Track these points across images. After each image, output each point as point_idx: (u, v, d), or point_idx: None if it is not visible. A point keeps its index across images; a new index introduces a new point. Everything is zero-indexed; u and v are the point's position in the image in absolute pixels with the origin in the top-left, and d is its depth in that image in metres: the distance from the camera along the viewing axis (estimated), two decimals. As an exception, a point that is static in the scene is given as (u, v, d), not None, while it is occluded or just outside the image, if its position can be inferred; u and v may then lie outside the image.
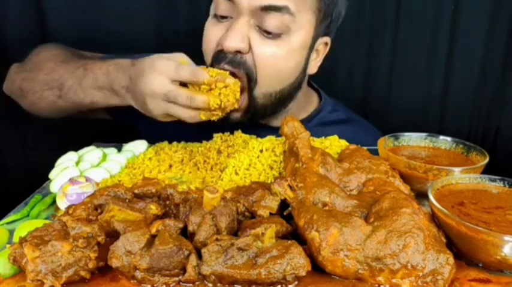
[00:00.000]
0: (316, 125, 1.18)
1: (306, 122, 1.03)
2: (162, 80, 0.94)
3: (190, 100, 0.94)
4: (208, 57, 1.08)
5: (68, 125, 1.26)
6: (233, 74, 1.02)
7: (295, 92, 1.15)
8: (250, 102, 1.07)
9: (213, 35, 1.07)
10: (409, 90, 1.59)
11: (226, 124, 1.07)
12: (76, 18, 1.47)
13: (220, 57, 1.04)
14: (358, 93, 1.62)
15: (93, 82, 1.07)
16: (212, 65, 1.05)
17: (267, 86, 1.06)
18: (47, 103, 1.16)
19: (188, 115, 0.97)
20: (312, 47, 1.11)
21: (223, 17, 1.06)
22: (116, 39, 1.47)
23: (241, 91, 1.03)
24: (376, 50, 1.57)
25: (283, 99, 1.12)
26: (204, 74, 0.96)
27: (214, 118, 0.99)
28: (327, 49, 1.17)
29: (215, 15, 1.08)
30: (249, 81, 1.04)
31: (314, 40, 1.10)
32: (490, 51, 1.52)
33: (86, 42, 1.42)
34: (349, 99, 1.49)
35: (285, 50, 1.04)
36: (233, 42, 1.01)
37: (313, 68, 1.16)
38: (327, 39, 1.14)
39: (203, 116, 0.97)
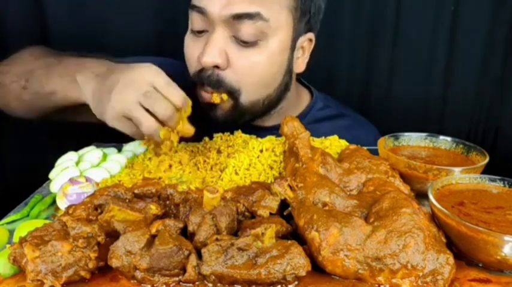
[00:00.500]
0: (308, 122, 1.17)
1: None
2: (150, 78, 0.86)
3: (166, 108, 0.86)
4: (191, 76, 1.08)
5: (67, 125, 1.26)
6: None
7: (283, 95, 1.15)
8: (236, 104, 1.07)
9: (192, 52, 1.07)
10: (409, 90, 1.59)
11: (213, 122, 1.08)
12: (77, 15, 1.47)
13: (201, 78, 1.04)
14: (358, 93, 1.62)
15: (61, 70, 1.01)
16: (195, 86, 1.06)
17: (251, 94, 1.07)
18: (13, 96, 1.10)
19: (149, 123, 0.86)
20: (293, 47, 1.10)
21: (200, 32, 1.05)
22: (116, 37, 1.47)
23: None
24: (376, 50, 1.57)
25: (271, 104, 1.13)
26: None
27: (167, 146, 0.91)
28: (312, 45, 1.15)
29: (192, 31, 1.07)
30: (232, 93, 1.05)
31: (295, 40, 1.09)
32: (490, 51, 1.52)
33: (86, 40, 1.43)
34: (349, 99, 1.49)
35: (264, 56, 1.04)
36: (210, 58, 1.00)
37: (300, 66, 1.15)
38: (311, 35, 1.13)
39: (162, 134, 0.88)
